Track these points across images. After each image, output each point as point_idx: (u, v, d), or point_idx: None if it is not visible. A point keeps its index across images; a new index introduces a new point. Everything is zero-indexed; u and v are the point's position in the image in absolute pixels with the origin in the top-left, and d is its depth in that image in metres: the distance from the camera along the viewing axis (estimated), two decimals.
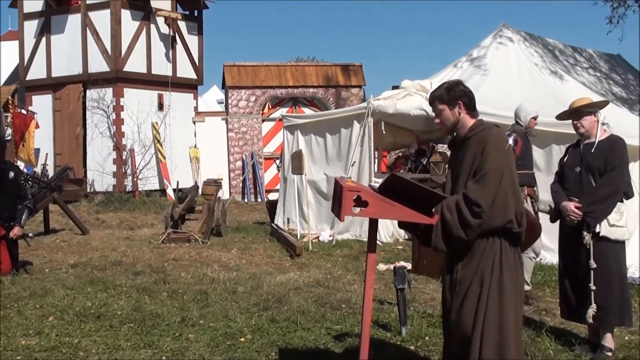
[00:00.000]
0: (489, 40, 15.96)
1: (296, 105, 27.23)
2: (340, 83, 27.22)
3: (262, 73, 26.83)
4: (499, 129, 5.21)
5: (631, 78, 20.13)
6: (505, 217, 4.92)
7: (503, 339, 4.91)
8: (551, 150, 11.35)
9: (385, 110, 13.83)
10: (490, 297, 4.96)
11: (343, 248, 13.18)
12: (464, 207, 4.85)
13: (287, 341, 7.18)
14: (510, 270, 5.03)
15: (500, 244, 4.97)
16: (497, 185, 4.89)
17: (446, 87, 5.27)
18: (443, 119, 5.25)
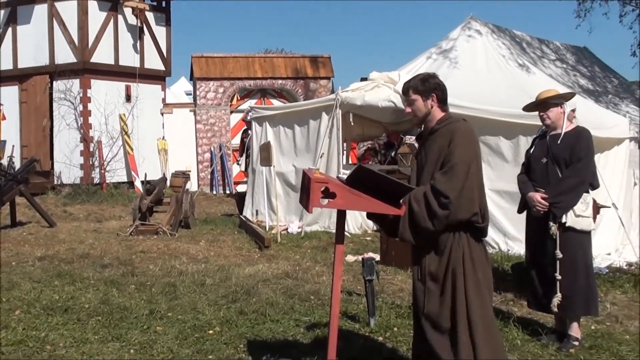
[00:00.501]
0: (457, 33, 16.00)
1: (265, 97, 27.16)
2: (309, 75, 27.19)
3: (230, 64, 26.72)
4: (466, 122, 5.25)
5: (598, 70, 20.30)
6: (472, 210, 4.97)
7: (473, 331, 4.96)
8: (518, 142, 11.42)
9: (353, 102, 13.85)
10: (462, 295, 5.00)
11: (312, 240, 13.20)
12: (432, 198, 4.89)
13: (256, 333, 7.19)
14: (482, 265, 5.08)
15: (467, 239, 5.02)
16: (465, 177, 4.93)
17: (421, 78, 5.32)
18: (415, 109, 5.29)
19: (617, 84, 20.06)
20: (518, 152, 11.00)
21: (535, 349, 6.85)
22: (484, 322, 5.01)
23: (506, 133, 11.70)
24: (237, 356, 6.53)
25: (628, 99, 18.59)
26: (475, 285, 5.00)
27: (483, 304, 5.03)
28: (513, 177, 7.53)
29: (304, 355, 6.39)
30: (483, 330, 4.98)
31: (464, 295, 4.98)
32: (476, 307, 4.98)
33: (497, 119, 11.60)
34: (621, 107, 16.69)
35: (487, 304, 5.09)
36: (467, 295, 4.98)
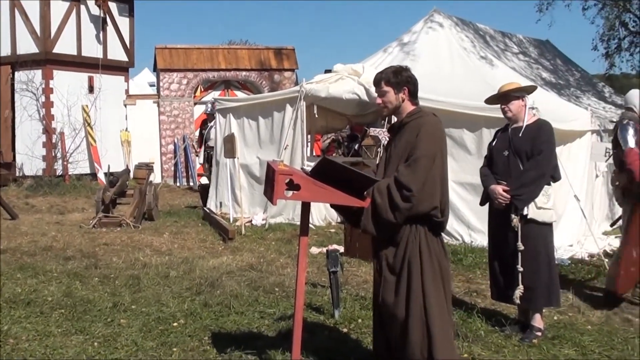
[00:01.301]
0: (420, 25, 16.05)
1: (228, 89, 27.02)
2: (273, 66, 27.10)
3: (194, 56, 26.55)
4: (435, 117, 5.31)
5: (560, 63, 20.50)
6: (432, 204, 5.02)
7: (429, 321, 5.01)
8: (481, 134, 11.50)
9: (317, 94, 13.84)
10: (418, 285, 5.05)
11: (276, 232, 13.19)
12: (395, 190, 4.93)
13: (220, 325, 7.19)
14: (439, 258, 5.13)
15: (424, 232, 5.07)
16: (428, 171, 4.97)
17: (394, 70, 5.35)
18: (386, 100, 5.33)
19: (579, 77, 20.29)
20: (481, 145, 11.08)
21: (498, 340, 6.91)
22: (440, 313, 5.06)
23: (469, 126, 11.77)
24: (201, 348, 6.52)
25: (590, 92, 18.82)
26: (432, 277, 5.06)
27: (439, 295, 5.09)
28: (476, 170, 7.58)
29: (269, 347, 6.40)
30: (439, 322, 5.03)
31: (421, 285, 5.03)
32: (433, 298, 5.04)
33: (461, 112, 11.66)
34: (583, 100, 16.90)
35: (443, 295, 5.14)
36: (423, 286, 5.03)
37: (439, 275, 5.11)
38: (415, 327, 5.03)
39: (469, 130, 11.79)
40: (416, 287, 5.04)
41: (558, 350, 6.69)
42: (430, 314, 5.01)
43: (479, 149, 11.17)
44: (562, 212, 11.38)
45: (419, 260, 5.05)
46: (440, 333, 5.03)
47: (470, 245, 11.40)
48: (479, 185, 7.46)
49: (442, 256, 5.21)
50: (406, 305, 5.07)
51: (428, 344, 5.01)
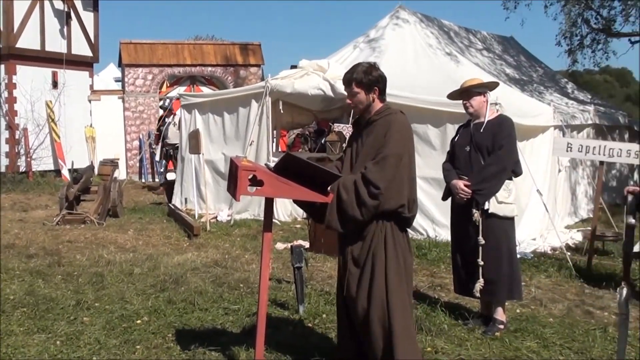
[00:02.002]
0: (385, 21, 16.12)
1: (194, 84, 26.93)
2: (239, 62, 27.05)
3: (160, 51, 26.42)
4: (403, 115, 5.33)
5: (523, 59, 20.67)
6: (399, 201, 5.05)
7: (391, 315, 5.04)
8: (446, 130, 11.59)
9: (283, 89, 13.84)
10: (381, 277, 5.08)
11: (241, 228, 13.18)
12: (362, 187, 4.95)
13: (184, 322, 7.18)
14: (403, 252, 5.16)
15: (390, 227, 5.10)
16: (396, 169, 5.00)
17: (364, 70, 5.33)
18: (356, 101, 5.34)
19: (542, 73, 20.47)
20: (445, 140, 11.13)
21: (461, 333, 6.97)
22: (402, 307, 5.10)
23: (434, 121, 11.85)
24: (165, 345, 6.50)
25: (553, 87, 19.00)
26: (396, 270, 5.09)
27: (402, 290, 5.12)
28: (440, 164, 7.62)
29: (233, 343, 6.40)
30: (401, 315, 5.07)
31: (384, 279, 5.06)
32: (395, 292, 5.07)
33: (425, 107, 11.73)
34: (546, 95, 17.04)
35: (405, 290, 5.17)
36: (387, 279, 5.07)
37: (402, 269, 5.15)
38: (377, 320, 5.06)
39: (433, 126, 11.86)
40: (379, 281, 5.07)
41: (520, 342, 6.76)
42: (392, 307, 5.05)
43: (443, 144, 11.23)
44: (524, 207, 11.51)
45: (384, 254, 5.09)
46: (402, 327, 5.07)
47: (434, 240, 11.49)
48: (442, 180, 7.51)
49: (407, 251, 5.25)
50: (369, 299, 5.10)
51: (389, 337, 5.05)
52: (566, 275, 9.68)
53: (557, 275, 9.71)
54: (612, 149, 10.30)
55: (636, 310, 8.07)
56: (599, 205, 10.88)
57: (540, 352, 6.54)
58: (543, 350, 6.59)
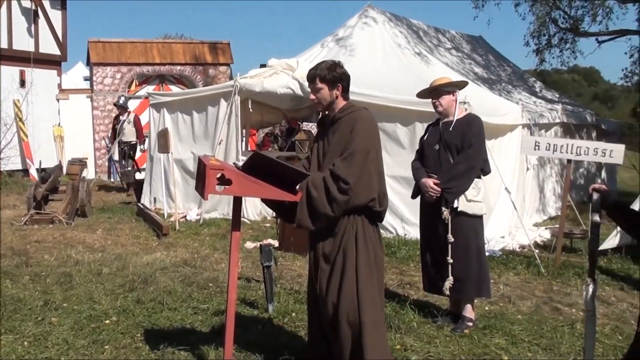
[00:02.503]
0: (354, 20, 16.13)
1: (163, 83, 26.74)
2: (208, 61, 26.90)
3: (128, 50, 26.21)
4: (367, 111, 5.38)
5: (492, 59, 20.80)
6: (369, 195, 5.07)
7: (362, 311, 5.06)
8: (414, 129, 11.61)
9: (252, 88, 13.81)
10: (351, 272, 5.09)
11: (210, 227, 13.13)
12: (331, 183, 4.97)
13: (153, 322, 7.15)
14: (374, 247, 5.18)
15: (361, 221, 5.12)
16: (363, 164, 5.03)
17: (328, 67, 5.38)
18: (320, 97, 5.36)
19: (510, 72, 20.61)
20: (414, 139, 11.16)
21: (430, 331, 7.02)
22: (372, 302, 5.12)
23: (403, 120, 11.88)
24: (133, 345, 6.48)
25: (521, 87, 19.15)
26: (366, 266, 5.11)
27: (372, 285, 5.14)
28: (410, 163, 7.65)
29: (202, 343, 6.39)
30: (371, 311, 5.09)
31: (355, 274, 5.07)
32: (366, 288, 5.09)
33: (394, 106, 11.76)
34: (514, 94, 17.17)
35: (376, 285, 5.19)
36: (357, 274, 5.08)
37: (373, 265, 5.17)
38: (347, 317, 5.07)
39: (402, 125, 11.89)
40: (350, 276, 5.09)
41: (489, 339, 6.82)
42: (363, 303, 5.06)
43: (412, 143, 11.26)
44: (493, 205, 11.58)
45: (355, 250, 5.11)
46: (372, 322, 5.09)
47: (403, 238, 11.53)
48: (412, 178, 7.53)
49: (378, 246, 5.27)
50: (339, 295, 5.11)
51: (359, 334, 5.06)
52: (534, 272, 9.77)
53: (525, 272, 9.80)
54: (580, 148, 10.41)
55: (603, 307, 8.17)
56: (567, 203, 10.98)
57: (508, 349, 6.60)
58: (511, 347, 6.66)
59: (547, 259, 10.40)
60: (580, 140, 12.38)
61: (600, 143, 11.09)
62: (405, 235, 11.67)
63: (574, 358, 6.42)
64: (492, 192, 11.15)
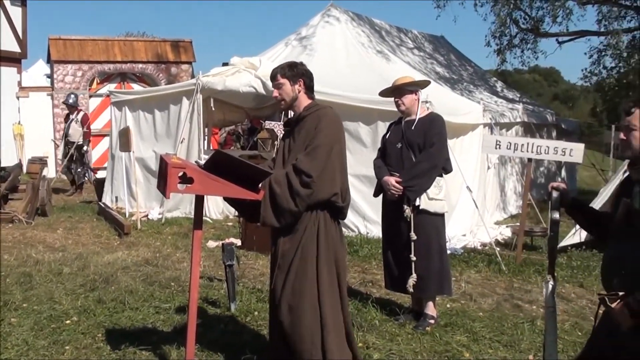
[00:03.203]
0: (317, 20, 16.15)
1: (125, 81, 26.55)
2: (170, 59, 26.75)
3: (89, 47, 25.97)
4: (332, 110, 5.42)
5: (454, 58, 20.93)
6: (332, 190, 5.08)
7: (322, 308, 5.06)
8: (377, 127, 11.65)
9: (214, 87, 13.76)
10: (312, 273, 5.09)
11: (173, 226, 13.07)
12: (294, 177, 4.98)
13: (115, 321, 7.11)
14: (335, 245, 5.18)
15: (323, 218, 5.12)
16: (327, 158, 5.04)
17: (289, 64, 5.47)
18: (282, 92, 5.38)
19: (472, 72, 20.77)
20: (376, 138, 11.20)
21: (392, 329, 7.06)
22: (332, 302, 5.12)
23: (365, 119, 11.92)
24: (94, 345, 6.43)
25: (482, 86, 19.30)
26: (326, 263, 5.11)
27: (333, 282, 5.15)
28: (372, 162, 7.67)
29: (164, 342, 6.38)
30: (331, 310, 5.08)
31: (315, 272, 5.07)
32: (326, 285, 5.09)
33: (356, 105, 11.79)
34: (475, 94, 17.30)
35: (337, 283, 5.20)
36: (318, 272, 5.08)
37: (333, 262, 5.17)
38: (308, 314, 5.06)
39: (364, 124, 11.93)
40: (311, 275, 5.08)
41: (450, 337, 6.88)
42: (323, 301, 5.06)
43: (374, 142, 11.30)
44: (455, 203, 11.66)
45: (316, 247, 5.11)
46: (332, 320, 5.09)
47: (366, 237, 11.57)
48: (374, 177, 7.56)
49: (339, 243, 5.27)
50: (296, 293, 5.11)
51: (320, 333, 5.06)
52: (495, 270, 9.86)
53: (486, 270, 9.88)
54: (540, 147, 10.51)
55: (563, 304, 8.27)
56: (527, 201, 11.10)
57: (470, 346, 6.65)
58: (473, 344, 6.71)
59: (508, 257, 10.49)
60: (540, 140, 12.50)
61: (560, 142, 11.20)
62: (367, 233, 11.71)
63: (534, 354, 6.49)
64: (453, 191, 11.22)
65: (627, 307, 3.62)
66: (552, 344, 4.30)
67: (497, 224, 13.88)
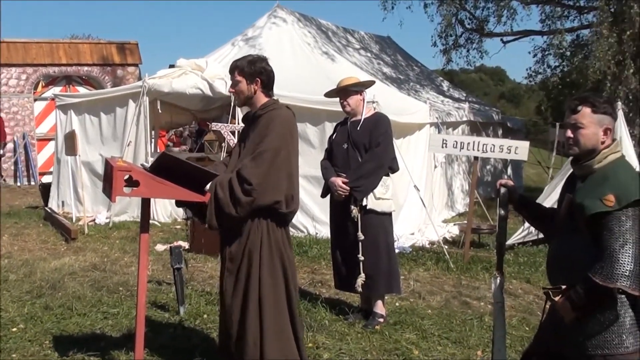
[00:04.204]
0: (263, 21, 16.15)
1: (70, 84, 26.22)
2: (116, 61, 26.48)
3: (34, 50, 25.62)
4: (288, 110, 5.37)
5: (400, 59, 21.09)
6: (274, 197, 5.02)
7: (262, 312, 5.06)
8: (324, 128, 11.70)
9: (160, 89, 13.67)
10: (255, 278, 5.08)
11: (120, 230, 12.95)
12: (236, 184, 4.93)
13: (62, 328, 7.02)
14: (276, 250, 5.16)
15: (267, 224, 5.09)
16: (271, 164, 4.99)
17: (250, 59, 5.35)
18: (238, 90, 5.32)
19: (418, 72, 20.95)
20: (324, 138, 11.20)
21: (342, 328, 7.09)
22: (275, 307, 5.10)
23: (313, 120, 11.95)
24: (42, 353, 6.35)
25: (429, 86, 19.47)
26: (270, 269, 5.09)
27: (278, 286, 5.13)
28: (319, 162, 7.68)
29: (113, 348, 6.32)
30: (272, 315, 5.07)
31: (258, 278, 5.06)
32: (268, 289, 5.07)
33: (303, 106, 11.77)
34: (422, 94, 17.45)
35: (283, 287, 5.18)
36: (260, 278, 5.06)
37: (279, 267, 5.15)
38: (251, 319, 5.06)
39: (312, 124, 11.97)
40: (254, 280, 5.07)
41: (400, 335, 6.94)
42: (265, 306, 5.05)
43: (322, 143, 11.31)
44: (402, 202, 11.74)
45: (259, 253, 5.08)
46: (272, 326, 5.07)
47: (315, 237, 11.60)
48: (322, 178, 7.57)
49: (286, 247, 5.25)
50: (244, 298, 5.10)
51: (260, 334, 5.06)
52: (444, 268, 9.96)
53: (435, 268, 9.98)
54: (486, 145, 10.62)
55: (511, 299, 8.38)
56: (474, 199, 11.21)
57: (419, 343, 6.72)
58: (422, 342, 6.78)
59: (455, 255, 10.60)
60: (486, 138, 12.68)
61: (506, 140, 11.36)
62: (316, 234, 11.74)
63: (482, 349, 6.57)
64: (401, 190, 11.30)
65: (569, 301, 3.69)
66: (500, 339, 4.36)
67: (445, 222, 14.01)
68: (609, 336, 3.72)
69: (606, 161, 3.78)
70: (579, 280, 3.66)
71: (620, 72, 16.57)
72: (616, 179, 3.69)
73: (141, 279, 5.21)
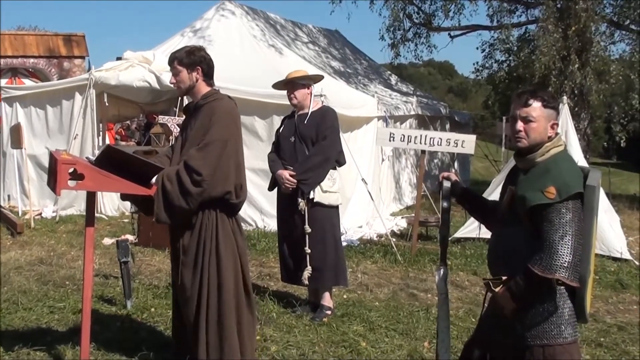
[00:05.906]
0: (211, 13, 16.08)
1: (16, 77, 25.82)
2: (63, 54, 26.12)
3: None
4: (230, 100, 5.33)
5: (348, 52, 21.16)
6: (225, 188, 5.04)
7: (222, 304, 5.07)
8: (272, 121, 11.70)
9: (107, 81, 13.55)
10: (210, 265, 5.09)
11: (67, 224, 12.81)
12: (185, 175, 4.92)
13: (7, 323, 6.92)
14: (229, 239, 5.17)
15: (216, 215, 5.10)
16: (220, 155, 4.99)
17: (187, 50, 5.32)
18: (179, 80, 5.28)
19: (366, 65, 21.03)
20: (272, 131, 11.19)
21: (290, 320, 7.11)
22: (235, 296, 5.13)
23: (260, 113, 11.96)
24: None
25: (377, 80, 19.58)
26: (225, 259, 5.10)
27: (235, 278, 5.15)
28: (267, 155, 7.70)
29: (59, 342, 6.26)
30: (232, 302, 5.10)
31: (216, 268, 5.07)
32: (228, 281, 5.09)
33: (251, 99, 11.78)
34: (370, 87, 17.54)
35: (239, 277, 5.20)
36: (218, 268, 5.07)
37: (234, 256, 5.16)
38: (212, 309, 5.07)
39: (259, 117, 11.98)
40: (212, 270, 5.08)
41: (347, 327, 6.98)
42: (224, 295, 5.06)
43: (270, 136, 11.32)
44: (350, 195, 11.81)
45: (214, 243, 5.09)
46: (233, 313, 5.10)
47: (263, 230, 11.62)
48: (269, 171, 7.59)
49: (238, 235, 5.27)
50: (203, 288, 5.10)
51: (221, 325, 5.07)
52: (391, 260, 10.04)
53: (382, 260, 10.06)
54: (433, 139, 10.73)
55: (457, 291, 8.49)
56: (422, 192, 11.33)
57: (366, 335, 6.77)
58: (369, 333, 6.83)
59: (403, 247, 10.70)
60: (433, 132, 12.77)
61: (453, 134, 11.47)
62: (265, 227, 11.75)
63: (429, 341, 6.64)
64: (348, 183, 11.37)
65: (509, 291, 3.77)
66: (445, 330, 4.42)
67: (393, 215, 14.12)
68: (547, 327, 3.80)
69: (549, 154, 3.85)
70: (520, 271, 3.73)
71: (566, 67, 16.86)
72: (557, 172, 3.76)
73: (87, 272, 5.18)
